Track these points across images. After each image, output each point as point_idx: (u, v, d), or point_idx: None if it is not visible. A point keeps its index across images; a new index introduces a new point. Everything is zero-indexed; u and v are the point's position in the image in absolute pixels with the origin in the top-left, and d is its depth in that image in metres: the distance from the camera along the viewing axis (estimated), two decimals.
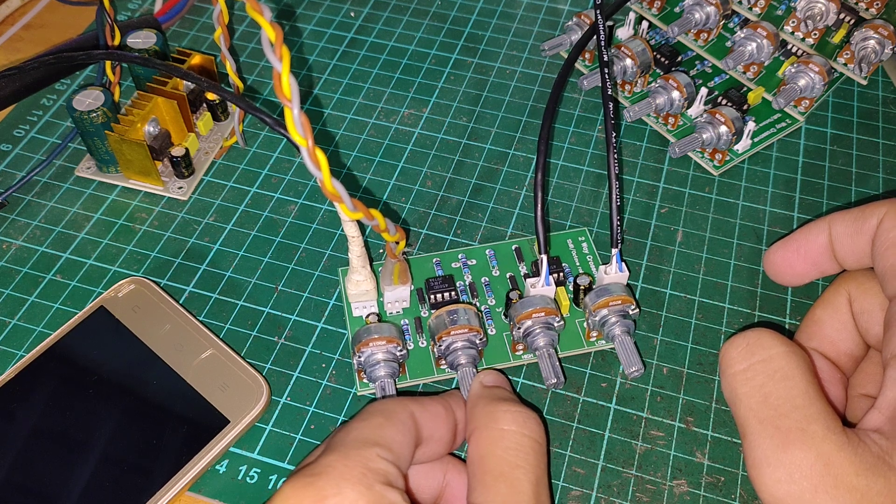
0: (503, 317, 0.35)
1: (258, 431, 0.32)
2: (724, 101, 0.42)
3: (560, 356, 0.33)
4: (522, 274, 0.36)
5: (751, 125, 0.40)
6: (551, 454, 0.31)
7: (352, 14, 0.49)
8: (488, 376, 0.31)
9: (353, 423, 0.26)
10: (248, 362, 0.33)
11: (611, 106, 0.34)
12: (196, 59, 0.41)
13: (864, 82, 0.40)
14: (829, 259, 0.31)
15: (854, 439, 0.24)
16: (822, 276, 0.32)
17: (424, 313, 0.35)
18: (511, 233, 0.38)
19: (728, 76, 0.44)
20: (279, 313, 0.36)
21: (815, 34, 0.40)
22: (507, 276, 0.36)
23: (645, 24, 0.45)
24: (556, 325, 0.32)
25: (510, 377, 0.33)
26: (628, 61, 0.42)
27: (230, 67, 0.37)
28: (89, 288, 0.36)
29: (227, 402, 0.32)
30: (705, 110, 0.41)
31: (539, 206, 0.32)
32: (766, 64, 0.41)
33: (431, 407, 0.28)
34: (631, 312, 0.33)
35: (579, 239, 0.37)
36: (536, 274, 0.34)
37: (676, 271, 0.37)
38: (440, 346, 0.32)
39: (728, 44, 0.43)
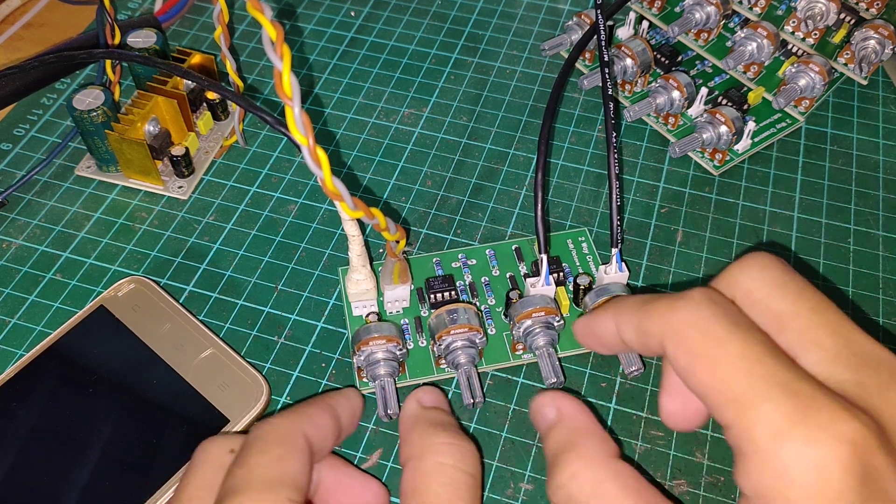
0: (503, 316, 0.35)
1: None
2: (724, 101, 0.42)
3: (560, 356, 0.33)
4: (522, 274, 0.36)
5: (751, 125, 0.40)
6: None
7: (352, 13, 0.49)
8: (427, 395, 0.30)
9: (251, 456, 0.25)
10: (247, 362, 0.33)
11: (611, 106, 0.34)
12: (196, 59, 0.41)
13: (865, 82, 0.40)
14: (620, 343, 0.28)
15: None
16: (624, 351, 0.30)
17: (424, 312, 0.35)
18: (511, 232, 0.38)
19: (728, 76, 0.44)
20: (279, 313, 0.36)
21: (816, 34, 0.40)
22: (507, 275, 0.36)
23: (645, 24, 0.45)
24: (555, 324, 0.32)
25: (510, 377, 0.33)
26: (628, 61, 0.42)
27: (230, 66, 0.37)
28: (89, 287, 0.36)
29: (226, 402, 0.32)
30: (705, 110, 0.41)
31: (539, 205, 0.32)
32: (766, 64, 0.41)
33: (321, 421, 0.27)
34: None
35: (579, 239, 0.37)
36: (536, 274, 0.34)
37: (676, 271, 0.37)
38: (440, 345, 0.32)
39: (728, 44, 0.43)
